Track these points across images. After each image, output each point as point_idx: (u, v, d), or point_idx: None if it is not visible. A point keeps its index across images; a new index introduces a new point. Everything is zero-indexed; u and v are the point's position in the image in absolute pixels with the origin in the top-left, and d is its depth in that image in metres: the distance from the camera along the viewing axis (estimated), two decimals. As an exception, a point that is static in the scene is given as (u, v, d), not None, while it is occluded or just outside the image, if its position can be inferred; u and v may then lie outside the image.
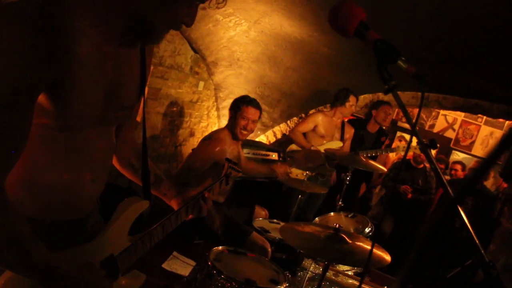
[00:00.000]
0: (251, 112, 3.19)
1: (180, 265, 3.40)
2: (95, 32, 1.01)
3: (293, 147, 4.55)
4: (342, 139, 4.54)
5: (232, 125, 3.23)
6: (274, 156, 5.12)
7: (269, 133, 5.83)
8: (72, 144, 1.12)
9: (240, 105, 3.22)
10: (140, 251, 1.33)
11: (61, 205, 1.17)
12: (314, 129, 4.47)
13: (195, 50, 4.54)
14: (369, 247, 2.24)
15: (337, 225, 2.27)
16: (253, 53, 4.65)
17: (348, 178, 3.57)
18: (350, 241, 2.24)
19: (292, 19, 3.80)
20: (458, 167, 5.80)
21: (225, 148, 3.21)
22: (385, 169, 3.73)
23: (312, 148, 4.37)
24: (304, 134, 4.53)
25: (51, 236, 1.11)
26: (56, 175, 1.13)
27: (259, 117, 3.30)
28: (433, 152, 5.24)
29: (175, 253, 3.52)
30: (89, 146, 1.17)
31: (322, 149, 4.36)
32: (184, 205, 1.50)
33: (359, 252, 2.17)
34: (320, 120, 4.45)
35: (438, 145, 1.04)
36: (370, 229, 3.15)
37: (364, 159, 3.44)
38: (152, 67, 3.97)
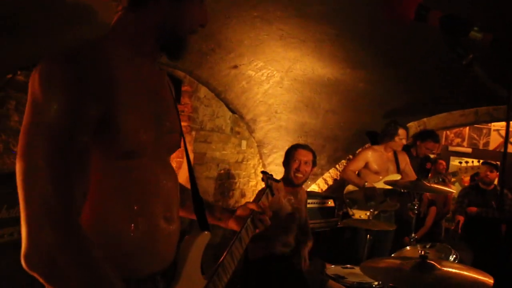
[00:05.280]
0: (302, 153, 3.16)
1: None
2: (134, 56, 1.12)
3: (350, 187, 4.37)
4: (398, 171, 4.33)
5: (286, 173, 3.18)
6: (330, 202, 4.95)
7: (320, 181, 5.68)
8: (135, 175, 1.09)
9: (290, 151, 3.23)
10: (218, 286, 1.27)
11: (140, 256, 1.10)
12: (366, 166, 4.30)
13: (233, 111, 4.59)
14: (465, 272, 2.03)
15: (423, 252, 2.08)
16: (289, 103, 4.65)
17: (416, 207, 3.34)
18: (441, 267, 2.03)
19: (323, 60, 3.80)
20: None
21: (280, 198, 3.12)
22: (453, 191, 3.49)
23: (366, 185, 4.18)
24: (359, 174, 4.37)
25: None
26: (127, 217, 1.07)
27: (314, 161, 3.23)
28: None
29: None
30: (153, 177, 1.13)
31: (379, 185, 4.17)
32: (244, 225, 1.42)
33: (454, 277, 1.96)
34: (370, 156, 4.28)
35: None
36: (454, 256, 2.88)
37: (428, 184, 3.24)
38: (194, 133, 4.02)
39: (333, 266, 3.28)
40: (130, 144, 1.04)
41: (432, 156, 5.72)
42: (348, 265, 3.32)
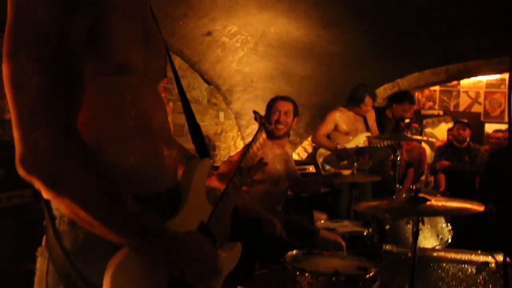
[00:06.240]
0: (281, 104, 3.11)
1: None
2: None
3: (322, 150, 4.39)
4: (367, 129, 4.37)
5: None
6: (312, 168, 4.97)
7: (299, 150, 5.71)
8: (127, 95, 1.03)
9: (270, 104, 3.17)
10: (224, 214, 1.26)
11: (142, 174, 1.05)
12: (336, 128, 4.30)
13: (208, 82, 4.53)
14: (452, 203, 2.08)
15: (414, 186, 2.12)
16: (265, 70, 4.62)
17: (398, 158, 3.40)
18: (432, 199, 2.08)
19: (297, 20, 3.79)
20: (499, 134, 5.64)
21: (266, 151, 3.09)
22: (434, 139, 3.57)
23: (338, 147, 4.21)
24: (329, 137, 4.38)
25: None
26: (124, 135, 1.02)
27: (295, 111, 3.18)
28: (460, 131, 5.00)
29: (239, 288, 3.30)
30: (144, 100, 1.08)
31: (352, 145, 4.17)
32: (242, 157, 1.43)
33: (444, 206, 2.01)
34: (338, 117, 4.27)
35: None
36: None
37: (409, 135, 3.31)
38: (171, 104, 3.94)
39: (322, 221, 3.31)
40: (121, 55, 0.99)
41: (406, 120, 5.82)
42: (338, 220, 3.36)
